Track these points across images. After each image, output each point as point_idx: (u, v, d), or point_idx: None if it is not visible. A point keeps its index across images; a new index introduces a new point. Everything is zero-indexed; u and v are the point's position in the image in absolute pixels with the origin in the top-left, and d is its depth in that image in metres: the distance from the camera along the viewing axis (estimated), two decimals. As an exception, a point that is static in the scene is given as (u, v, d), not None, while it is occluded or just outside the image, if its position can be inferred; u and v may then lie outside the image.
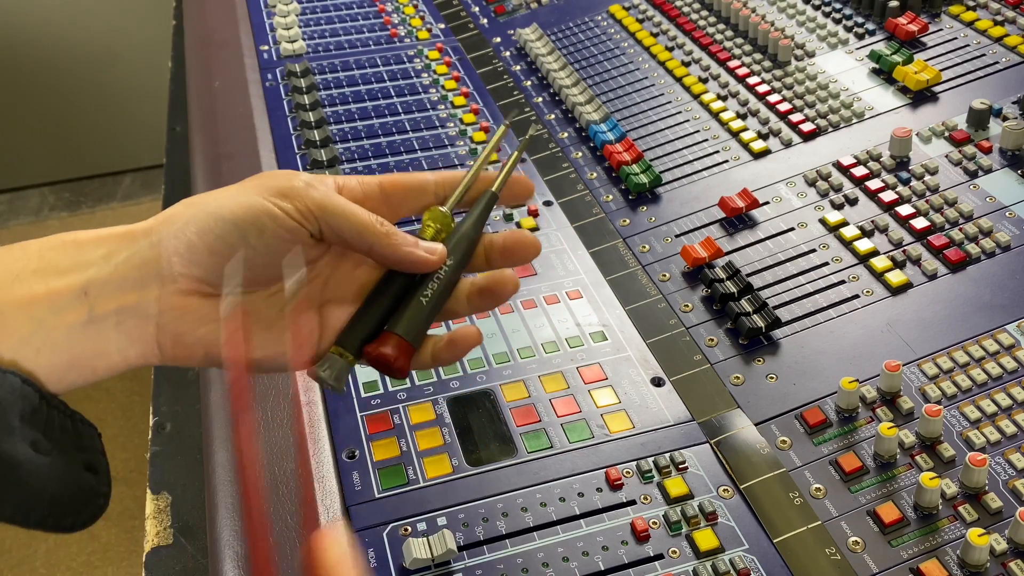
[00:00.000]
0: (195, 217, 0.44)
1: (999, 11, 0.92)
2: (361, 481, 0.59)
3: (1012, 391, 0.58)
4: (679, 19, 1.04)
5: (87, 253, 0.43)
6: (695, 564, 0.53)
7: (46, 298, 0.42)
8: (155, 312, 0.44)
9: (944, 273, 0.68)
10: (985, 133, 0.79)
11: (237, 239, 0.44)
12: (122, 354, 0.43)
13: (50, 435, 0.41)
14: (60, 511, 0.41)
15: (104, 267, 0.43)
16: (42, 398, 0.41)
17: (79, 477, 0.42)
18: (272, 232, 0.45)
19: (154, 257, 0.44)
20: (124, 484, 1.84)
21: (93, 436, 0.44)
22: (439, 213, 0.49)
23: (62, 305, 0.42)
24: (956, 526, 0.53)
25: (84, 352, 0.42)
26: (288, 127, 0.95)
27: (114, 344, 0.43)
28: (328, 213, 0.46)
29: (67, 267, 0.43)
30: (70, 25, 2.49)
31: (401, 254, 0.47)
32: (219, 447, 0.63)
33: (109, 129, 2.67)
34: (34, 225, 2.59)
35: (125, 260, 0.44)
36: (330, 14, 1.19)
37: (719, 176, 0.83)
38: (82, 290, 0.42)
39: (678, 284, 0.73)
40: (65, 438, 0.42)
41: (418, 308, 0.47)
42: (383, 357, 0.46)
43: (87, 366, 0.43)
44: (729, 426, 0.61)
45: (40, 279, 0.42)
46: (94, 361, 0.43)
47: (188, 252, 0.44)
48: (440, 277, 0.48)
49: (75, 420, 0.43)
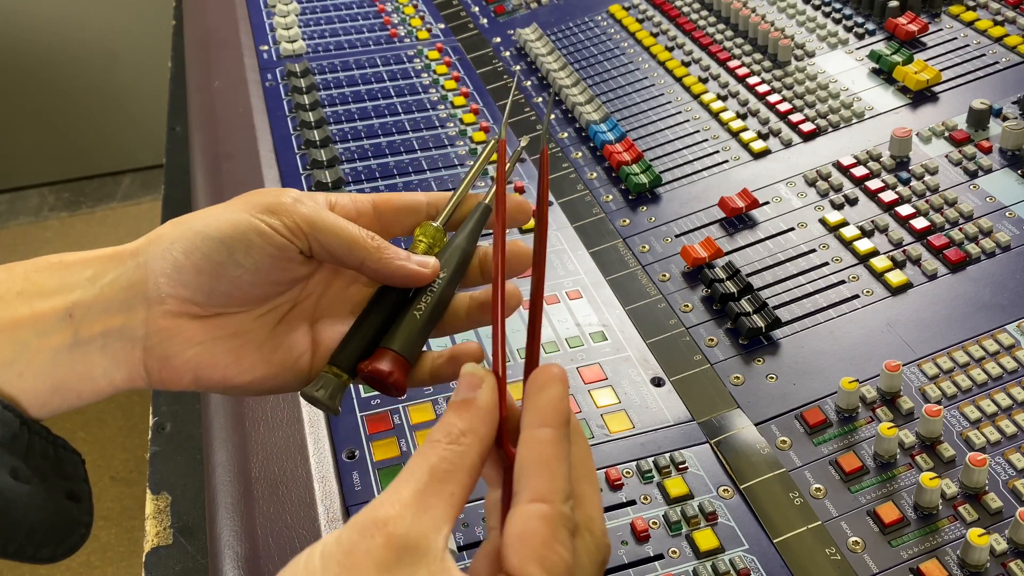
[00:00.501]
0: (182, 236, 0.43)
1: (999, 11, 0.92)
2: (361, 481, 0.59)
3: (1012, 391, 0.58)
4: (679, 19, 1.04)
5: (73, 275, 0.43)
6: (695, 564, 0.53)
7: (31, 321, 0.41)
8: (142, 334, 0.43)
9: (944, 273, 0.68)
10: (985, 133, 0.79)
11: (225, 257, 0.43)
12: (108, 378, 0.43)
13: (31, 462, 0.40)
14: (39, 541, 0.40)
15: (90, 289, 0.42)
16: (23, 424, 0.40)
17: (60, 506, 0.41)
18: (260, 249, 0.43)
19: (141, 278, 0.43)
20: (124, 484, 1.84)
21: (76, 463, 0.43)
22: (431, 228, 0.48)
23: (46, 328, 0.41)
24: (956, 526, 0.53)
25: (69, 376, 0.41)
26: (288, 127, 0.95)
27: (100, 368, 0.42)
28: (317, 229, 0.44)
29: (52, 289, 0.42)
30: (70, 25, 2.49)
31: (392, 268, 0.45)
32: (219, 447, 0.63)
33: (109, 129, 2.67)
34: (34, 225, 2.59)
35: (111, 282, 0.43)
36: (330, 14, 1.19)
37: (719, 176, 0.83)
38: (67, 312, 0.41)
39: (678, 284, 0.73)
40: (47, 465, 0.41)
41: (412, 323, 0.45)
42: (378, 373, 0.44)
43: (71, 390, 0.42)
44: (729, 426, 0.61)
45: (25, 301, 0.41)
46: (79, 385, 0.42)
47: (175, 272, 0.43)
48: (434, 291, 0.46)
49: (58, 446, 0.42)
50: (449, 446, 0.35)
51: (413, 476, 0.34)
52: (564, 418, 0.37)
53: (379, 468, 0.59)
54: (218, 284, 0.43)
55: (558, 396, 0.37)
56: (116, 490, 1.83)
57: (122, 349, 0.43)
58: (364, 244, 0.45)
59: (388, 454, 0.60)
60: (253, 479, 0.59)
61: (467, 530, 0.55)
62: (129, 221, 2.60)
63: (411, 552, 0.31)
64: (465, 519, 0.56)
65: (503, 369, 0.39)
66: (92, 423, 1.91)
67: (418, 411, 0.63)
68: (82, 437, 1.90)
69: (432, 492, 0.33)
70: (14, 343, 0.40)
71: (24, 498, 0.39)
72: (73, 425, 1.89)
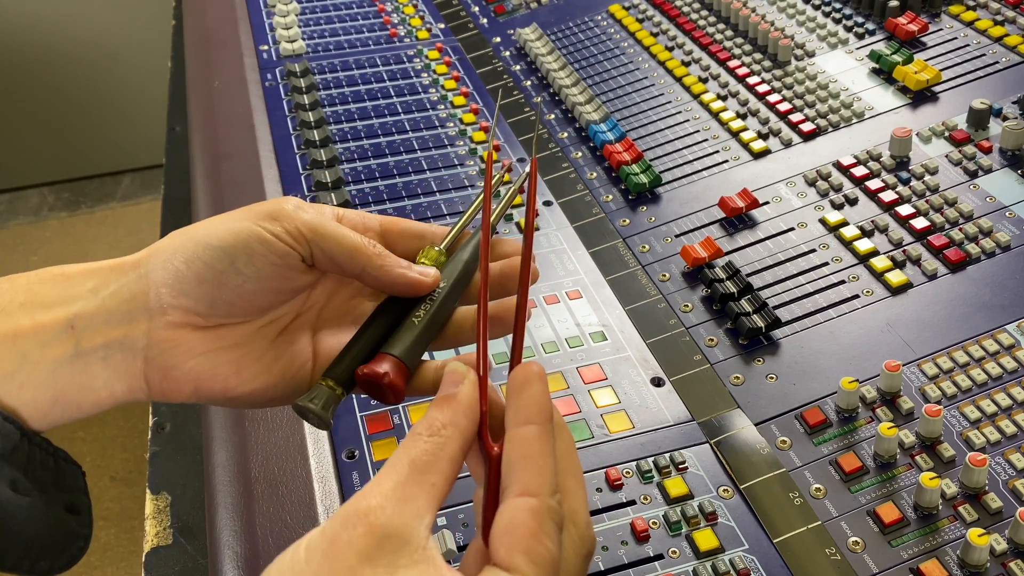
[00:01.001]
0: (183, 246, 0.43)
1: (999, 11, 0.92)
2: (361, 481, 0.59)
3: (1012, 391, 0.58)
4: (679, 19, 1.04)
5: (75, 286, 0.43)
6: (695, 564, 0.53)
7: (32, 332, 0.41)
8: (143, 346, 0.43)
9: (944, 273, 0.68)
10: (985, 133, 0.79)
11: (227, 266, 0.43)
12: (108, 389, 0.42)
13: (31, 474, 0.40)
14: (37, 553, 0.40)
15: (91, 300, 0.42)
16: (24, 435, 0.40)
17: (59, 518, 0.41)
18: (262, 256, 0.43)
19: (142, 289, 0.43)
20: (124, 484, 1.84)
21: (77, 475, 0.43)
22: (433, 252, 0.48)
23: (48, 339, 0.41)
24: (956, 526, 0.53)
25: (69, 388, 0.41)
26: (288, 127, 0.95)
27: (100, 379, 0.42)
28: (319, 235, 0.44)
29: (54, 300, 0.42)
30: (70, 25, 2.49)
31: (394, 276, 0.45)
32: (219, 447, 0.63)
33: (109, 129, 2.67)
34: (34, 225, 2.59)
35: (113, 293, 0.43)
36: (330, 14, 1.19)
37: (719, 176, 0.83)
38: (68, 324, 0.41)
39: (678, 284, 0.73)
40: (46, 477, 0.41)
41: (411, 329, 0.45)
42: (374, 375, 0.43)
43: (72, 402, 0.42)
44: (729, 426, 0.61)
45: (26, 312, 0.41)
46: (79, 397, 0.42)
47: (176, 282, 0.43)
48: (434, 299, 0.46)
49: (58, 458, 0.42)
50: (430, 439, 0.36)
51: (395, 468, 0.35)
52: (547, 414, 0.38)
53: (379, 468, 0.59)
54: (220, 293, 0.43)
55: (539, 392, 0.38)
56: (116, 490, 1.83)
57: (123, 360, 0.42)
58: (365, 251, 0.45)
59: (388, 454, 0.60)
60: (253, 479, 0.59)
61: (467, 530, 0.55)
62: (129, 221, 2.60)
63: (393, 540, 0.32)
64: (465, 519, 0.56)
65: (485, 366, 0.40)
66: (92, 423, 1.91)
67: (418, 411, 0.63)
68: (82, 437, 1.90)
69: (413, 483, 0.34)
70: (15, 354, 0.40)
71: (23, 511, 0.39)
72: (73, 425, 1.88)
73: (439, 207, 0.84)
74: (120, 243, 2.51)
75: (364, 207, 0.83)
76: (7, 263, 2.45)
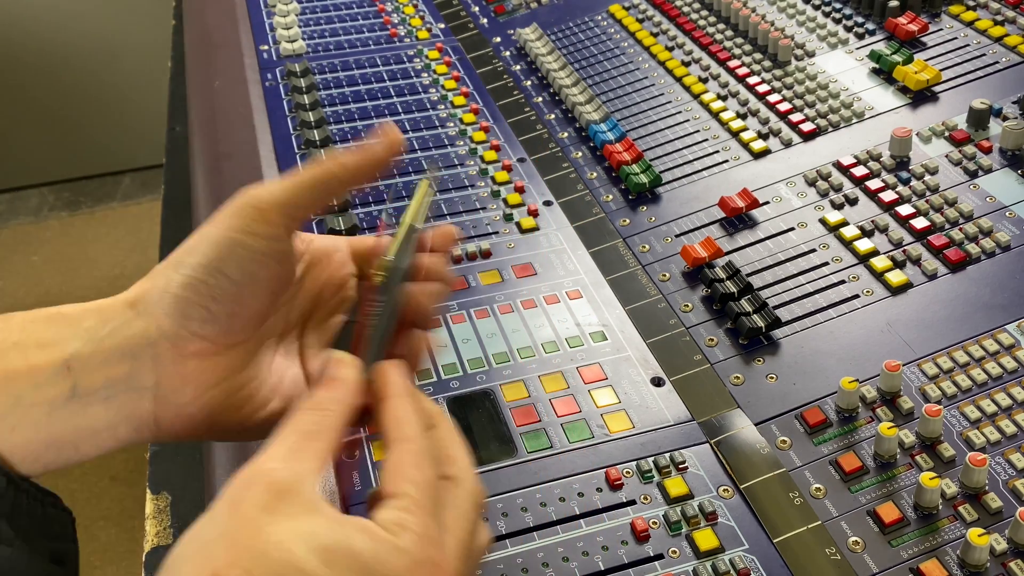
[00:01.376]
0: (174, 273, 0.42)
1: (999, 11, 0.92)
2: (361, 481, 0.59)
3: (1012, 391, 0.58)
4: (679, 19, 1.04)
5: (71, 326, 0.42)
6: (695, 564, 0.53)
7: (26, 373, 0.40)
8: (151, 384, 0.42)
9: (944, 273, 0.68)
10: (985, 133, 0.79)
11: (220, 279, 0.42)
12: (111, 431, 0.41)
13: (15, 522, 0.39)
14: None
15: (89, 340, 0.41)
16: (10, 482, 0.39)
17: (42, 570, 0.40)
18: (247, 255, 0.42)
19: (143, 326, 0.42)
20: (124, 484, 1.85)
21: (65, 522, 0.42)
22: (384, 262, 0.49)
23: (42, 380, 0.40)
24: (956, 526, 0.53)
25: (66, 430, 0.40)
26: (288, 127, 0.95)
27: (102, 420, 0.41)
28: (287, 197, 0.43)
29: (49, 340, 0.41)
30: (70, 25, 2.49)
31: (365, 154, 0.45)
32: (219, 447, 0.63)
33: (109, 129, 2.67)
34: (34, 225, 2.60)
35: (112, 332, 0.41)
36: (330, 14, 1.19)
37: (719, 176, 0.83)
38: (64, 364, 0.40)
39: (678, 284, 0.73)
40: (32, 525, 0.39)
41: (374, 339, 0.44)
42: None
43: (69, 444, 0.41)
44: (729, 426, 0.61)
45: (20, 353, 0.40)
46: (77, 439, 0.41)
47: (175, 308, 0.42)
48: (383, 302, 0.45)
49: (46, 505, 0.41)
50: (315, 412, 0.39)
51: (285, 440, 0.38)
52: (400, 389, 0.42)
53: (379, 468, 0.59)
54: (220, 307, 0.43)
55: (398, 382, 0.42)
56: (116, 490, 1.83)
57: (128, 401, 0.41)
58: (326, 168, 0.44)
59: (388, 454, 0.60)
60: (253, 479, 0.59)
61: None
62: (129, 221, 2.60)
63: (291, 493, 0.35)
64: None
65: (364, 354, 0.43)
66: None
67: (418, 411, 0.63)
68: (82, 437, 1.89)
69: (302, 448, 0.37)
70: (8, 397, 0.39)
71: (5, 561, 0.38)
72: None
73: (439, 207, 0.84)
74: (120, 243, 2.51)
75: (364, 207, 0.83)
76: (7, 263, 2.45)
